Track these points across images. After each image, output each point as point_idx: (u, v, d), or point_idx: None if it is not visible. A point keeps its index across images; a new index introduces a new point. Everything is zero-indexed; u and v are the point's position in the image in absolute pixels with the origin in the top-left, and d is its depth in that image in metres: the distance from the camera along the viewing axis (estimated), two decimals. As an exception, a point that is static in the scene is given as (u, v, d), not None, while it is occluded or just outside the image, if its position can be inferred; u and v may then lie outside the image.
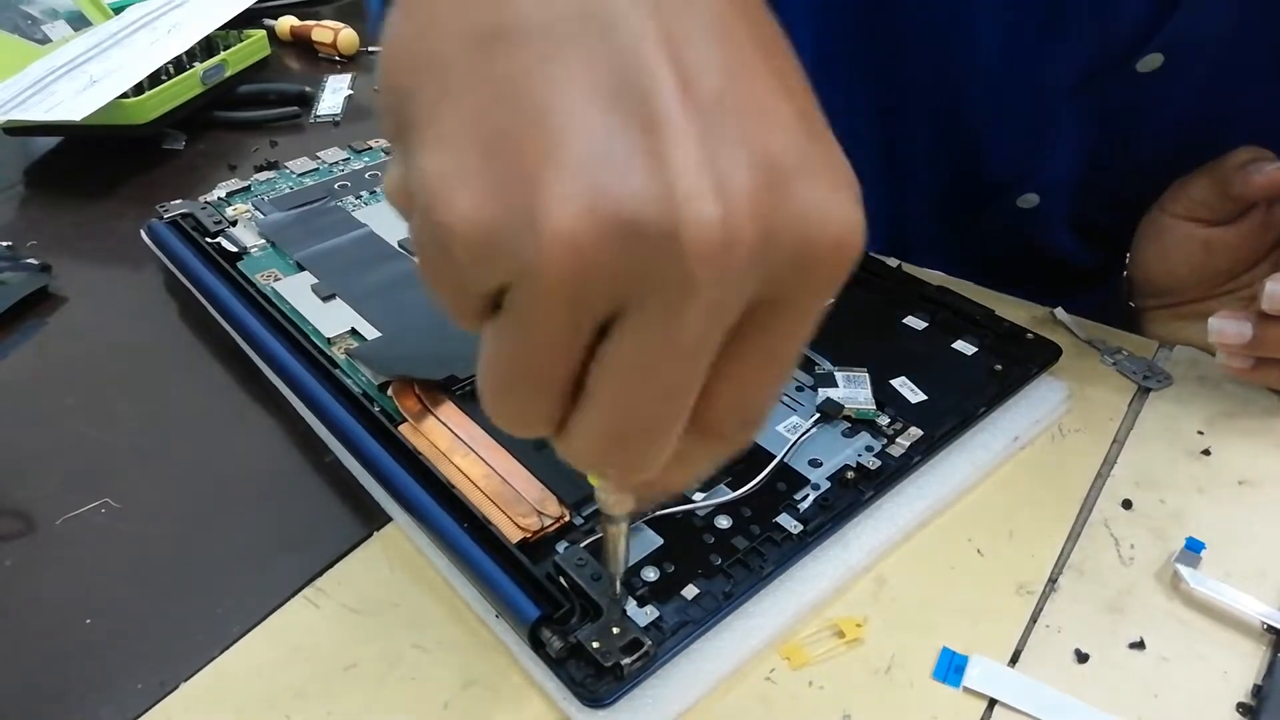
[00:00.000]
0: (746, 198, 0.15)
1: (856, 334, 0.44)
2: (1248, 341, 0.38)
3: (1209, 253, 0.43)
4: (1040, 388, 0.42)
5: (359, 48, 0.80)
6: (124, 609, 0.34)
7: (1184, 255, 0.44)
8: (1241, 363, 0.39)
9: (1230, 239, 0.42)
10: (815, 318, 0.18)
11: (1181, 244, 0.44)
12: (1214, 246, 0.42)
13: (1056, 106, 0.45)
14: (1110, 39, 0.42)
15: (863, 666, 0.32)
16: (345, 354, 0.42)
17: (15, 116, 0.60)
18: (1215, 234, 0.42)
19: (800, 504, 0.35)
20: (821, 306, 0.18)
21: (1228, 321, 0.39)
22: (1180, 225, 0.44)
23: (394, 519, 0.37)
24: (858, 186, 0.17)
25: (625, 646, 0.30)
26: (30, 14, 0.78)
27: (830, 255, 0.17)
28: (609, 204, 0.15)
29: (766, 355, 0.18)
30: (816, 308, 0.18)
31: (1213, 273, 0.43)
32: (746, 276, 0.16)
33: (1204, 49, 0.41)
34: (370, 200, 0.53)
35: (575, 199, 0.15)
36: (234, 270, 0.47)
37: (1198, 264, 0.43)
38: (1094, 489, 0.38)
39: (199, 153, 0.65)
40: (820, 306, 0.18)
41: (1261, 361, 0.39)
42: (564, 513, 0.34)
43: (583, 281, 0.15)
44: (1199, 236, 0.43)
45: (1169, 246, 0.44)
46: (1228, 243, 0.42)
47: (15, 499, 0.39)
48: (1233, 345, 0.39)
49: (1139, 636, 0.33)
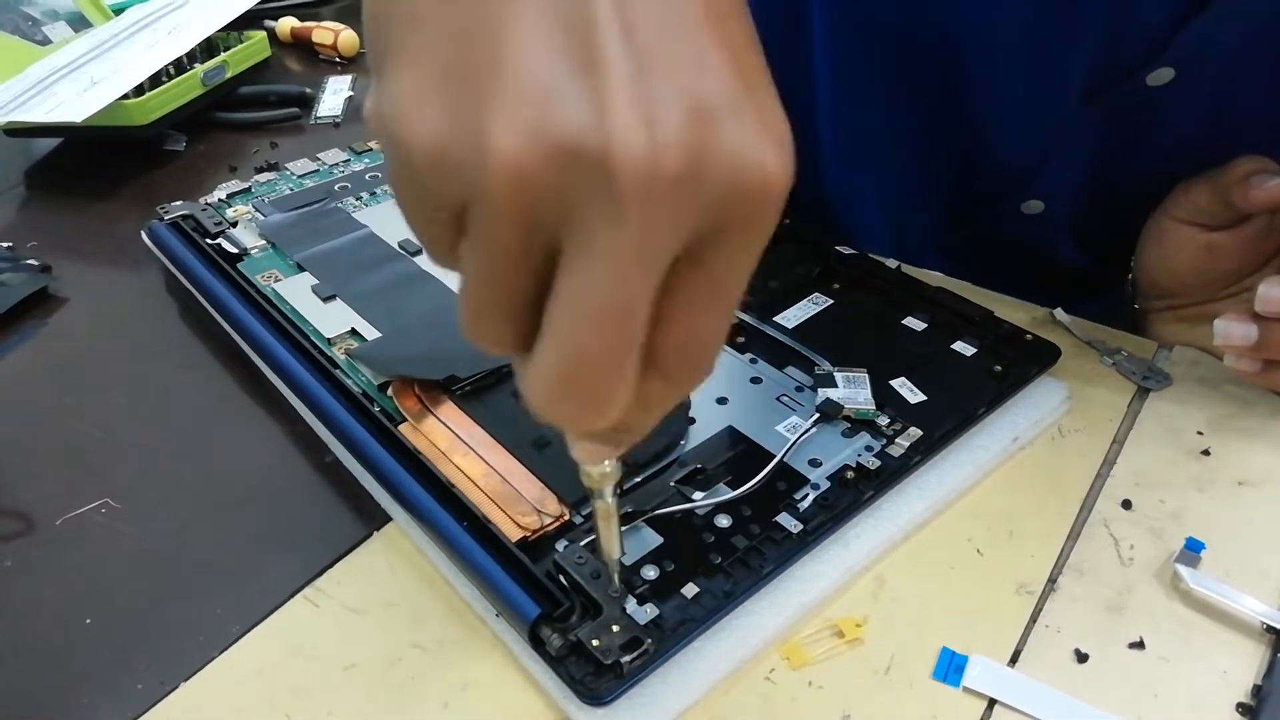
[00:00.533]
0: (674, 132, 0.17)
1: (856, 334, 0.44)
2: (1254, 344, 0.38)
3: (1212, 256, 0.43)
4: (1040, 388, 0.42)
5: (359, 49, 0.80)
6: (124, 609, 0.34)
7: (1187, 259, 0.44)
8: (1249, 366, 0.39)
9: (1233, 244, 0.42)
10: (749, 256, 0.19)
11: (1184, 248, 0.44)
12: (1216, 250, 0.42)
13: (1065, 117, 0.45)
14: (1121, 51, 0.42)
15: (862, 666, 0.32)
16: (345, 354, 0.42)
17: (16, 118, 0.60)
18: (1217, 238, 0.42)
19: (800, 503, 0.35)
20: (753, 245, 0.19)
21: (1234, 325, 0.39)
22: (1183, 229, 0.44)
23: (394, 519, 0.37)
24: (788, 135, 0.19)
25: (625, 645, 0.30)
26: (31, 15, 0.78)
27: (756, 194, 0.18)
28: (549, 130, 0.17)
29: (706, 290, 0.19)
30: (748, 245, 0.19)
31: (1216, 276, 0.43)
32: (676, 207, 0.17)
33: (1214, 63, 0.41)
34: (370, 201, 0.53)
35: (520, 124, 0.17)
36: (234, 271, 0.47)
37: (1201, 267, 0.43)
38: (1094, 489, 0.38)
39: (199, 154, 0.65)
40: (752, 245, 0.19)
41: (1269, 364, 0.39)
42: (564, 511, 0.34)
43: (526, 199, 0.17)
44: (1201, 241, 0.43)
45: (1171, 250, 0.44)
46: (1230, 247, 0.42)
47: (15, 499, 0.39)
48: (1239, 348, 0.39)
49: (1139, 636, 0.33)
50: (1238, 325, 0.39)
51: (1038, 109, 0.45)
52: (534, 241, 0.18)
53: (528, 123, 0.17)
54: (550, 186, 0.17)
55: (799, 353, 0.43)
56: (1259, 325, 0.38)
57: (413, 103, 0.18)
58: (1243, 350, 0.39)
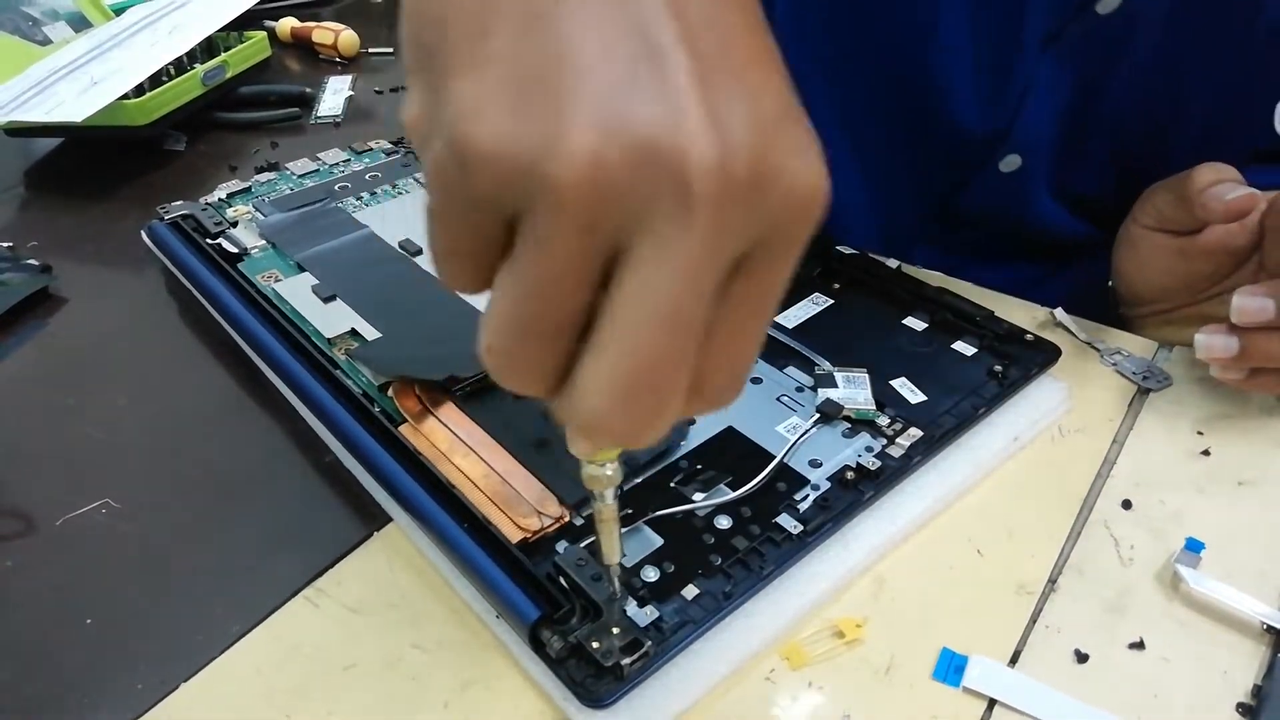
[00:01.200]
0: (743, 139, 0.17)
1: (856, 334, 0.44)
2: (1235, 354, 0.38)
3: (1186, 260, 0.43)
4: (1040, 388, 0.42)
5: (359, 49, 0.80)
6: (124, 609, 0.34)
7: (1162, 265, 0.44)
8: (1235, 375, 0.39)
9: (1204, 247, 0.42)
10: (789, 268, 0.20)
11: (1157, 254, 0.44)
12: (1189, 255, 0.42)
13: (1028, 65, 0.45)
14: None
15: (862, 667, 0.32)
16: (345, 354, 0.42)
17: (16, 118, 0.60)
18: (1187, 244, 0.42)
19: (800, 504, 0.35)
20: (795, 257, 0.20)
21: (1215, 337, 0.39)
22: (1152, 236, 0.44)
23: (394, 519, 0.37)
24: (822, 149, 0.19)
25: (625, 647, 0.30)
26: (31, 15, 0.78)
27: (804, 208, 0.19)
28: (626, 128, 0.17)
29: (751, 302, 0.20)
30: (791, 256, 0.19)
31: (1193, 279, 0.43)
32: (744, 211, 0.18)
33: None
34: (370, 201, 0.53)
35: (596, 124, 0.17)
36: (234, 271, 0.47)
37: (1179, 272, 0.43)
38: (1094, 489, 0.38)
39: (200, 154, 0.65)
40: (794, 257, 0.20)
41: (1255, 371, 0.39)
42: (564, 513, 0.34)
43: (597, 198, 0.17)
44: (1172, 247, 0.43)
45: (1145, 258, 0.45)
46: (1202, 250, 0.42)
47: (15, 499, 0.39)
48: (1222, 359, 0.39)
49: (1139, 636, 0.33)
50: (1218, 338, 0.39)
51: (1001, 59, 0.46)
52: (595, 246, 0.18)
53: (604, 121, 0.17)
54: (622, 186, 0.17)
55: (799, 353, 0.43)
56: (1239, 335, 0.38)
57: (477, 105, 0.18)
58: (1227, 361, 0.39)
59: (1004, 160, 0.49)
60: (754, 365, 0.21)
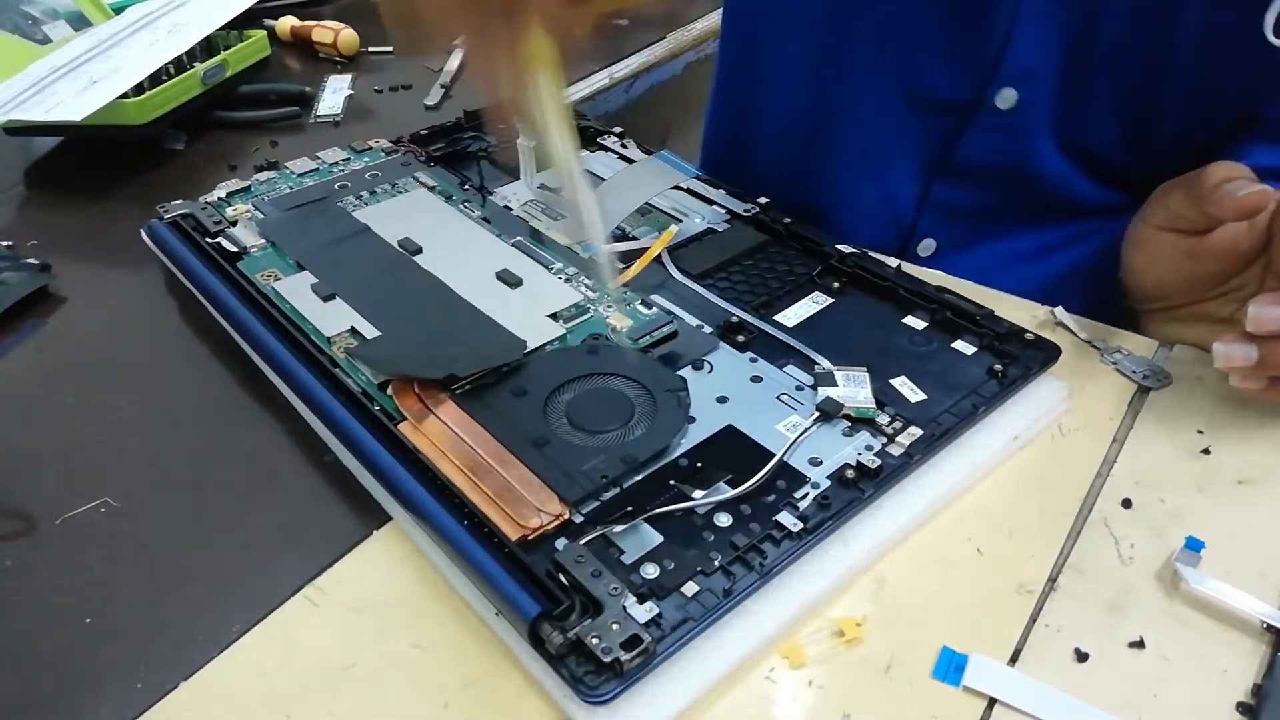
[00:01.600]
0: None
1: (856, 333, 0.44)
2: (1254, 363, 0.38)
3: (1195, 260, 0.43)
4: (1040, 387, 0.42)
5: (359, 48, 0.80)
6: (124, 609, 0.34)
7: (1170, 264, 0.44)
8: (1255, 384, 0.39)
9: (1212, 247, 0.42)
10: None
11: (1166, 253, 0.44)
12: (1199, 254, 0.42)
13: None
14: None
15: (862, 666, 0.32)
16: (345, 353, 0.42)
17: (16, 117, 0.60)
18: (1196, 244, 0.42)
19: (800, 502, 0.35)
20: None
21: (1233, 347, 0.38)
22: (1163, 235, 0.44)
23: (394, 518, 0.37)
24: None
25: (625, 643, 0.30)
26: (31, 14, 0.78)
27: None
28: None
29: None
30: None
31: (1200, 278, 0.43)
32: None
33: None
34: (370, 200, 0.53)
35: None
36: (234, 270, 0.47)
37: (1186, 271, 0.43)
38: (1094, 488, 0.38)
39: (199, 153, 0.65)
40: None
41: (1276, 380, 0.39)
42: (563, 510, 0.34)
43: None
44: (1182, 246, 0.43)
45: (1155, 256, 0.45)
46: (1210, 250, 0.42)
47: (15, 499, 0.39)
48: (1242, 368, 0.39)
49: (1139, 636, 0.33)
50: (1237, 347, 0.38)
51: None
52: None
53: None
54: None
55: (799, 351, 0.43)
56: (1257, 344, 0.38)
57: None
58: (1246, 370, 0.39)
59: (999, 95, 0.49)
60: None
